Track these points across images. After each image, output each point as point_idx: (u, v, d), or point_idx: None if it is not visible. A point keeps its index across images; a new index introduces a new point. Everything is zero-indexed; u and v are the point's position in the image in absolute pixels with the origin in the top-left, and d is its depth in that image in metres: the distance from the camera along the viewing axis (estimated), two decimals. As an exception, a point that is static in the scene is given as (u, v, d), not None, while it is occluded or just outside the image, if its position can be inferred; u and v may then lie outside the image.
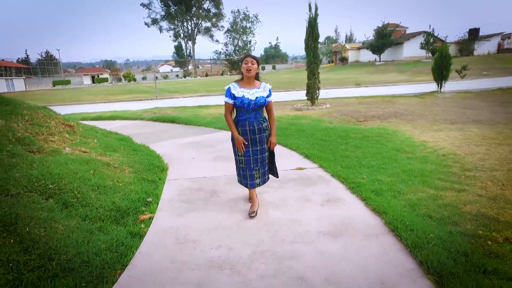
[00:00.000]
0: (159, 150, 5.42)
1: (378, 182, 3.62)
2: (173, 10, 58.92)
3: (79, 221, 2.68)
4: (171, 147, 5.79)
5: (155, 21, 60.07)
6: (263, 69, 56.37)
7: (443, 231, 2.52)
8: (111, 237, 2.53)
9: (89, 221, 2.74)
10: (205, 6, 60.54)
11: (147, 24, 60.08)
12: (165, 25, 61.28)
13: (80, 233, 2.49)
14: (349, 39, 66.09)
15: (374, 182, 3.62)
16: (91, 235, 2.52)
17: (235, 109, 2.97)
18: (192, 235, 2.70)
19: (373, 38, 40.29)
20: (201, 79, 45.28)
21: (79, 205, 2.90)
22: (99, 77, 56.09)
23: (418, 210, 2.93)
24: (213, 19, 61.23)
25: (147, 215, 3.01)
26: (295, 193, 3.50)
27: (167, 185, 3.88)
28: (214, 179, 4.02)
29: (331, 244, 2.49)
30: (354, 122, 7.61)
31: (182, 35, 63.27)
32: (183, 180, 4.04)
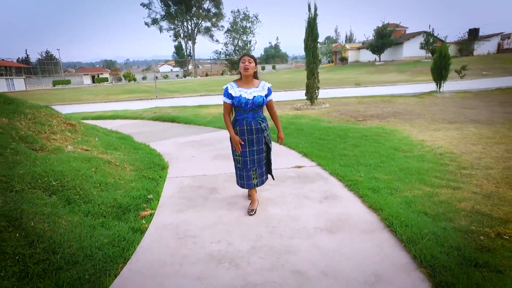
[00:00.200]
0: (160, 148, 5.48)
1: (375, 180, 3.68)
2: (173, 10, 58.96)
3: (82, 217, 2.74)
4: (172, 146, 5.85)
5: (155, 21, 60.12)
6: (263, 69, 56.41)
7: (437, 227, 2.58)
8: (113, 232, 2.59)
9: (92, 217, 2.80)
10: (205, 6, 60.63)
11: (147, 24, 60.18)
12: (165, 25, 61.39)
13: (83, 228, 2.56)
14: (349, 39, 66.19)
15: (371, 180, 3.68)
16: (94, 230, 2.59)
17: (234, 109, 2.99)
18: (192, 231, 2.77)
19: (373, 38, 40.29)
20: (201, 79, 45.30)
21: (82, 202, 2.97)
22: (99, 77, 56.09)
23: (413, 207, 2.99)
24: (213, 19, 61.29)
25: (148, 211, 3.08)
26: (293, 190, 3.56)
27: (168, 182, 3.94)
28: (213, 177, 4.08)
29: (328, 239, 2.56)
30: (353, 121, 7.67)
31: (182, 35, 63.33)
32: (183, 178, 4.11)
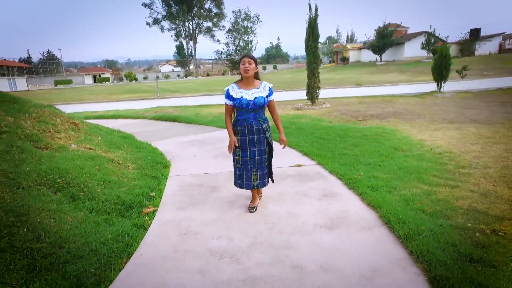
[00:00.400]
0: (162, 147, 5.55)
1: (374, 178, 3.74)
2: (175, 10, 59.08)
3: (86, 213, 2.81)
4: (173, 145, 5.92)
5: (156, 21, 60.25)
6: (264, 69, 56.46)
7: (434, 224, 2.63)
8: (117, 228, 2.65)
9: (96, 213, 2.87)
10: (207, 6, 60.73)
11: (148, 24, 60.33)
12: (166, 25, 61.51)
13: (87, 224, 2.62)
14: (350, 39, 66.20)
15: (370, 178, 3.73)
16: (98, 226, 2.65)
17: (235, 109, 3.00)
18: (194, 227, 2.83)
19: (374, 38, 40.29)
20: (202, 79, 45.40)
21: (86, 199, 3.03)
22: (100, 76, 56.27)
23: (411, 204, 3.04)
24: (215, 19, 61.41)
25: (151, 208, 3.14)
26: (293, 188, 3.61)
27: (170, 180, 4.01)
28: (215, 176, 4.15)
29: (326, 235, 2.61)
30: (353, 121, 7.72)
31: (183, 35, 63.44)
32: (185, 176, 4.17)
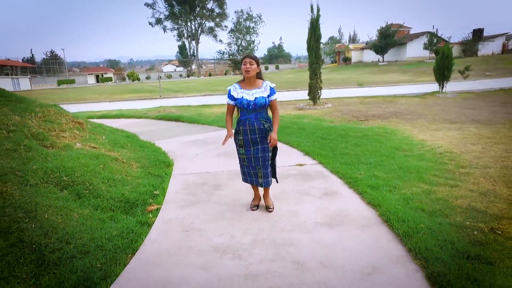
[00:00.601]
0: (165, 147, 5.61)
1: (375, 177, 3.78)
2: (177, 10, 59.33)
3: (92, 211, 2.87)
4: (176, 144, 5.98)
5: (159, 21, 60.57)
6: (266, 69, 56.51)
7: (433, 222, 2.68)
8: (122, 225, 2.72)
9: (101, 210, 2.93)
10: (209, 6, 60.99)
11: (151, 23, 60.66)
12: (169, 25, 61.86)
13: (93, 221, 2.69)
14: (353, 40, 66.20)
15: (371, 177, 3.78)
16: (103, 223, 2.72)
17: (238, 109, 3.04)
18: (197, 224, 2.89)
19: (377, 38, 40.24)
20: (205, 79, 45.52)
21: (91, 196, 3.10)
22: (103, 76, 56.58)
23: (411, 203, 3.09)
24: (217, 19, 61.65)
25: (155, 206, 3.20)
26: (294, 187, 3.66)
27: (173, 179, 4.07)
28: (217, 174, 4.20)
29: (327, 233, 2.66)
30: (354, 121, 7.76)
31: (185, 35, 63.68)
32: (188, 175, 4.23)
